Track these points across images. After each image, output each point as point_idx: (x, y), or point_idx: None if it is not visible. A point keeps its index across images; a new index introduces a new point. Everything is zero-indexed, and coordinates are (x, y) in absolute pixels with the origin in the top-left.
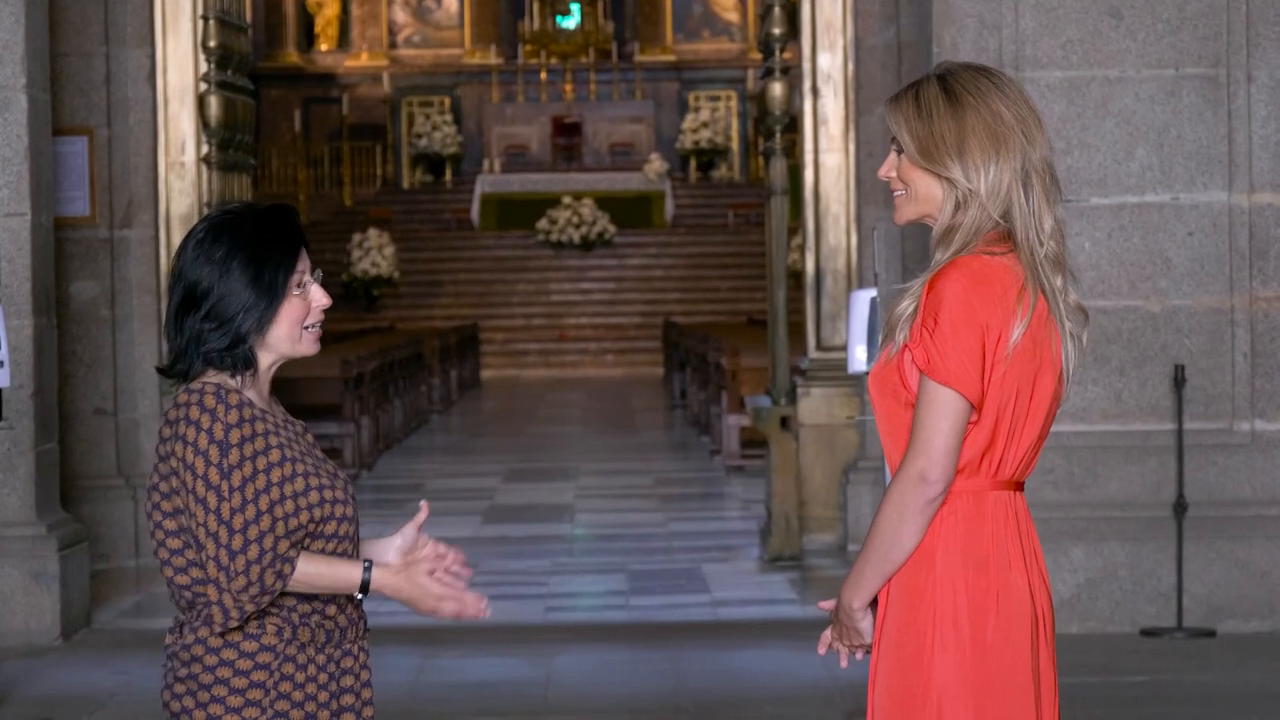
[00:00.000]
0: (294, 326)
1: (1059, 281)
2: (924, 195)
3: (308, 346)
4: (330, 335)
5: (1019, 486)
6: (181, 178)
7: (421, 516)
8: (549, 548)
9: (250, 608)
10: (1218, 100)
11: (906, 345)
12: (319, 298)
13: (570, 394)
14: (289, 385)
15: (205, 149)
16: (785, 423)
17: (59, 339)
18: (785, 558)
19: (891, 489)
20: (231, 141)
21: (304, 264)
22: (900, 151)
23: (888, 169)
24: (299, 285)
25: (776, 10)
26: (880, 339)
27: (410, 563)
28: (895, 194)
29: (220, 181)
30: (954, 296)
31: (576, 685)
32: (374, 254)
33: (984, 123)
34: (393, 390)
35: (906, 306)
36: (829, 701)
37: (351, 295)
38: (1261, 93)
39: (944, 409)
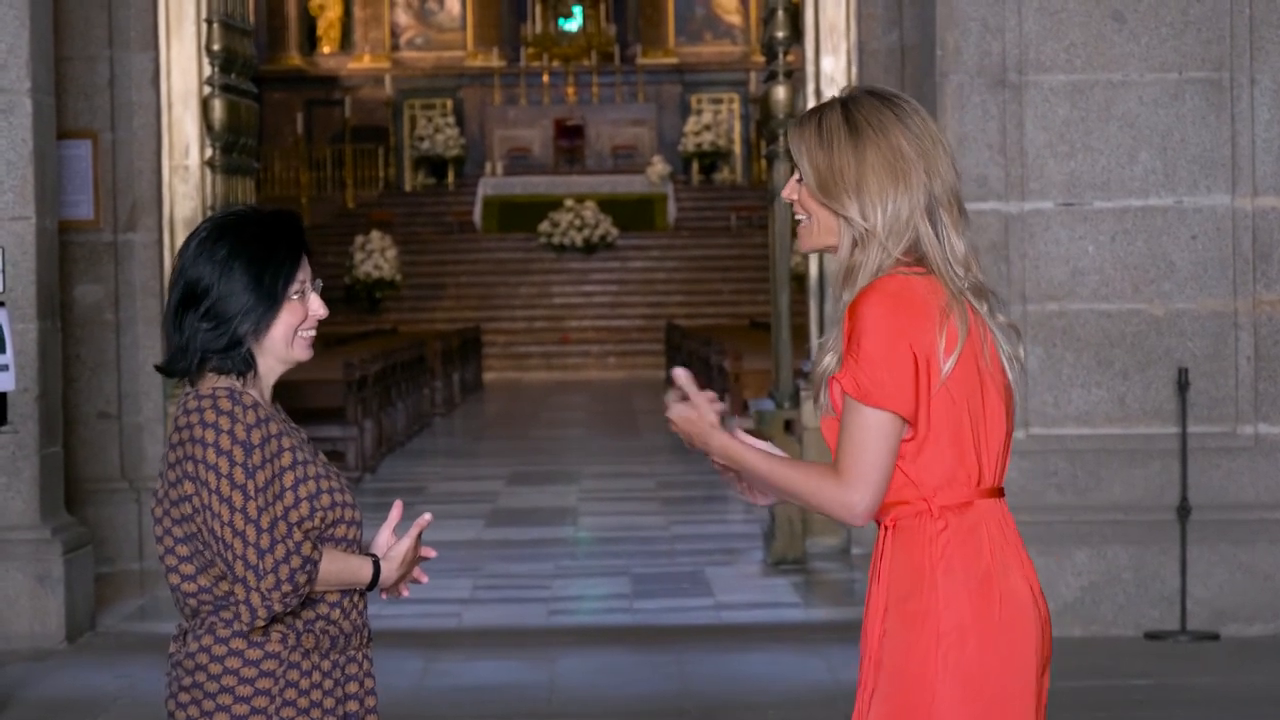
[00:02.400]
0: (289, 331)
1: (985, 308)
2: (825, 227)
3: (301, 352)
4: (333, 338)
5: (999, 493)
6: (185, 181)
7: (395, 516)
8: (552, 551)
9: (279, 607)
10: (1221, 104)
11: (834, 377)
12: (316, 307)
13: (572, 397)
14: (292, 388)
15: (209, 152)
16: (789, 426)
17: (63, 342)
18: (788, 561)
19: (822, 491)
20: (235, 145)
21: (305, 273)
22: (801, 179)
23: (789, 193)
24: (298, 292)
25: (780, 14)
26: (814, 396)
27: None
28: (798, 219)
29: (224, 185)
30: (874, 318)
31: (580, 688)
32: (376, 256)
33: (883, 159)
34: (395, 393)
35: (829, 364)
36: (832, 705)
37: (354, 298)
38: (1265, 96)
39: (878, 434)
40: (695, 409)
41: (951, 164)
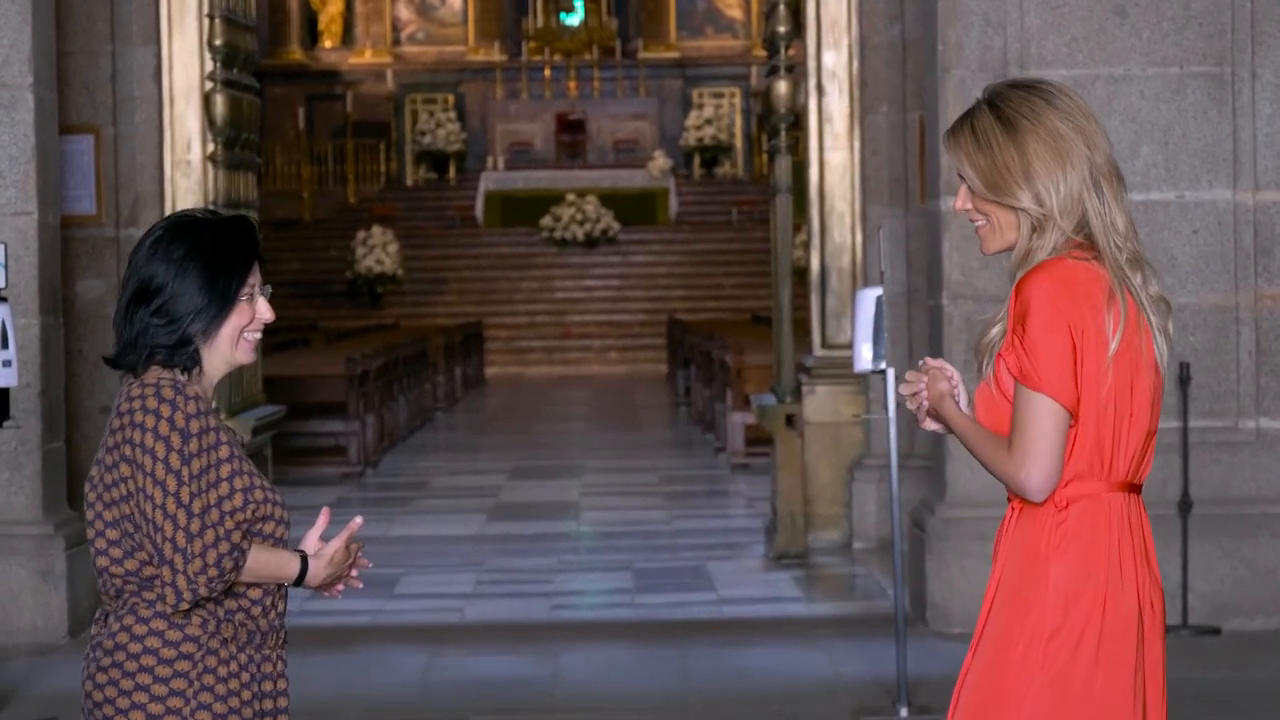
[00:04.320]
0: (235, 333)
1: (1139, 279)
2: (1004, 224)
3: (244, 355)
4: (335, 333)
5: (1135, 489)
6: (187, 176)
7: (322, 523)
8: (554, 545)
9: (204, 592)
10: (1222, 98)
11: (1000, 354)
12: (263, 311)
13: (574, 391)
14: (294, 384)
15: (211, 147)
16: (790, 420)
17: (65, 337)
18: (791, 555)
19: (999, 464)
20: (237, 140)
21: (255, 278)
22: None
23: (963, 202)
24: (247, 295)
25: (781, 8)
26: (978, 366)
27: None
28: (976, 225)
29: (226, 180)
30: (1040, 301)
31: (583, 683)
32: (378, 251)
33: (1044, 143)
34: (397, 388)
35: (994, 336)
36: (835, 699)
37: (355, 293)
38: (1266, 90)
39: (1047, 416)
40: (939, 378)
41: (1105, 134)
